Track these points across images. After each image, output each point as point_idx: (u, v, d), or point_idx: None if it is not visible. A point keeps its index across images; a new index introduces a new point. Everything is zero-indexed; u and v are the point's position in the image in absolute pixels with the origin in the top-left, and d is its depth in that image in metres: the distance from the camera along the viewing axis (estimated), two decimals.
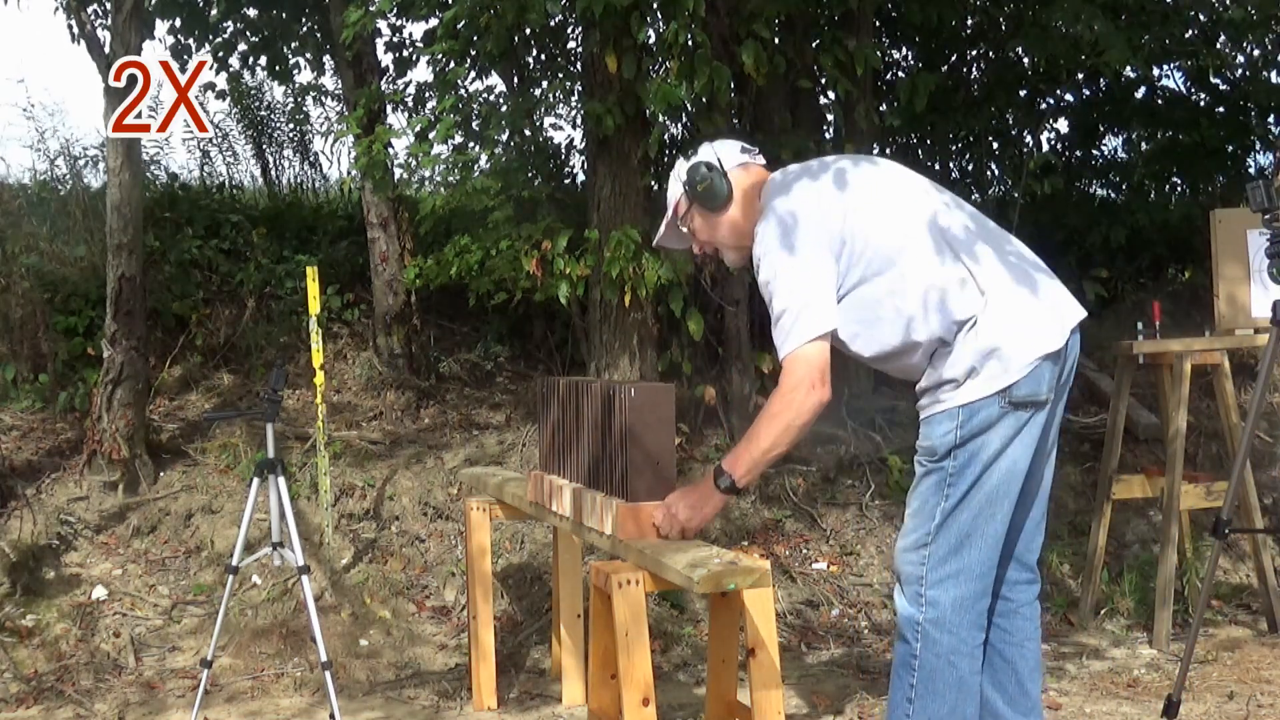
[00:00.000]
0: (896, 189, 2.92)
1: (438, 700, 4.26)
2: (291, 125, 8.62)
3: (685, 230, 3.08)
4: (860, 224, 2.80)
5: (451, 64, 5.63)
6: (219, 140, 8.38)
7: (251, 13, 7.15)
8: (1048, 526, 3.13)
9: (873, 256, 2.79)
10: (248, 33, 7.18)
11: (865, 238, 2.79)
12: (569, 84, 6.41)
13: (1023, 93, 7.81)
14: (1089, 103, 8.07)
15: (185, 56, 7.21)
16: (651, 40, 5.44)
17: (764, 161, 3.11)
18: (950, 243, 2.82)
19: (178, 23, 7.06)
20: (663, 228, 3.15)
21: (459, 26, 5.23)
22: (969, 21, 7.39)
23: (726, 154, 3.02)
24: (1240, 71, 7.94)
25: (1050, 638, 4.89)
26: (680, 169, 3.03)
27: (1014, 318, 2.78)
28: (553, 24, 6.03)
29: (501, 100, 6.24)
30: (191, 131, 8.25)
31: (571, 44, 6.43)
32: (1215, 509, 4.36)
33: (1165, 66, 7.86)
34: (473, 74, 6.21)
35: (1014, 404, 2.76)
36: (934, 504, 2.84)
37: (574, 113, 6.76)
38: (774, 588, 3.39)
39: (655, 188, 6.18)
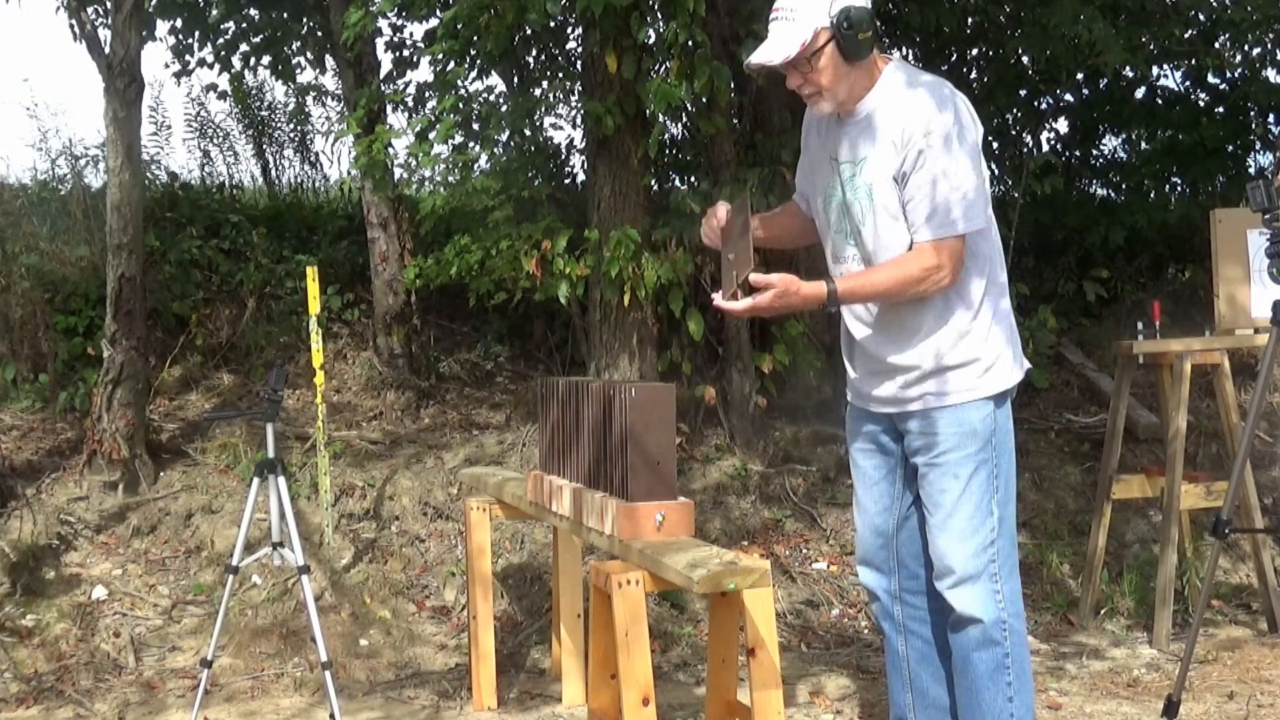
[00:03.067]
0: None
1: (438, 700, 4.26)
2: (292, 125, 8.62)
3: (800, 58, 2.83)
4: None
5: (451, 64, 5.63)
6: (220, 140, 8.39)
7: (252, 13, 7.15)
8: (1048, 527, 3.18)
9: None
10: (249, 33, 7.18)
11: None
12: (569, 84, 6.41)
13: (1022, 93, 7.80)
14: (1089, 103, 8.07)
15: (187, 57, 7.22)
16: (651, 40, 5.43)
17: None
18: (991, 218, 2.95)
19: (178, 23, 7.06)
20: (782, 45, 2.85)
21: (459, 26, 5.23)
22: (969, 21, 7.39)
23: (867, 19, 2.87)
24: (1240, 71, 7.93)
25: (1050, 638, 4.90)
26: (830, 3, 2.82)
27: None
28: (553, 24, 6.03)
29: (501, 100, 6.24)
30: (192, 131, 8.30)
31: (571, 44, 6.43)
32: (1215, 509, 4.36)
33: (1164, 66, 7.85)
34: (473, 74, 6.21)
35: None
36: (988, 498, 2.91)
37: (574, 113, 6.76)
38: (774, 588, 3.39)
39: (655, 187, 6.19)
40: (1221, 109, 7.89)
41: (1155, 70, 7.79)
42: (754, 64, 2.86)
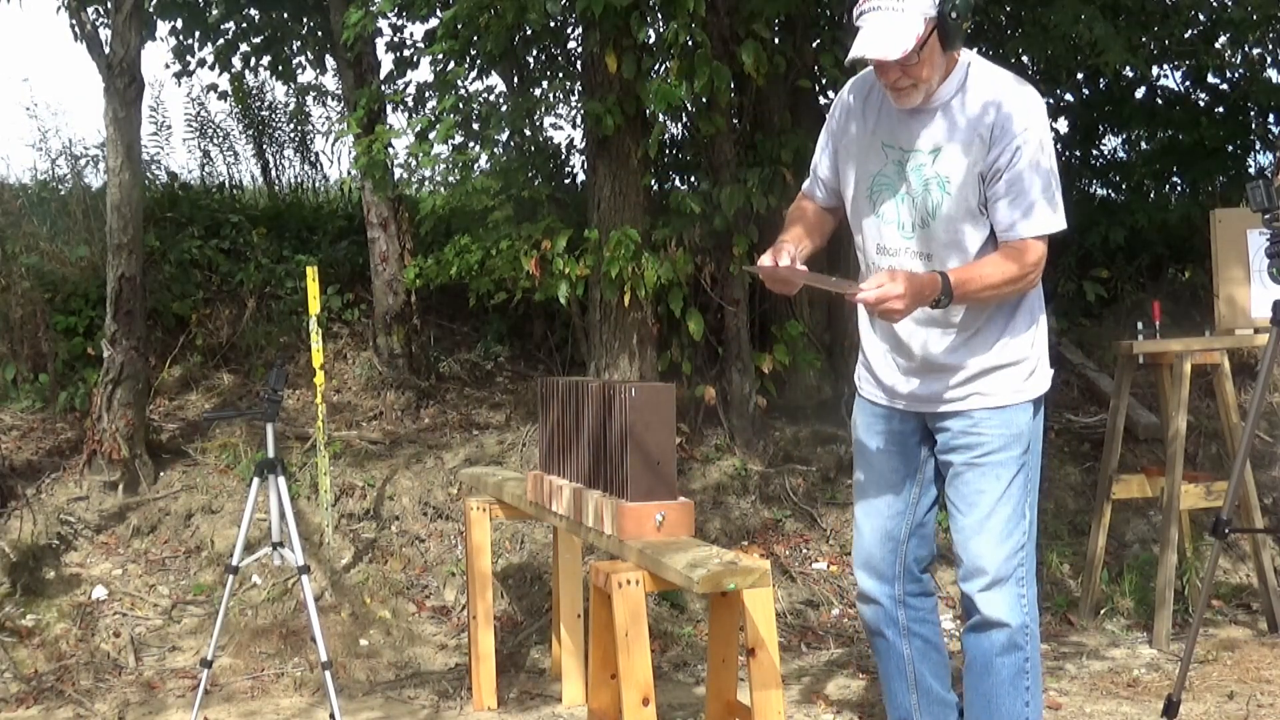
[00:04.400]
0: None
1: (438, 700, 4.26)
2: (292, 125, 8.62)
3: (907, 47, 2.64)
4: None
5: (451, 64, 5.63)
6: (220, 140, 8.39)
7: (252, 13, 7.15)
8: (1048, 527, 3.17)
9: None
10: (249, 33, 7.18)
11: None
12: (569, 84, 6.41)
13: None
14: (1089, 103, 8.07)
15: (187, 57, 7.22)
16: (651, 40, 5.43)
17: None
18: None
19: (178, 23, 7.06)
20: (898, 39, 2.64)
21: (459, 26, 5.23)
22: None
23: (970, 6, 2.78)
24: (1240, 71, 7.93)
25: (1050, 638, 4.90)
26: None
27: None
28: (553, 24, 6.02)
29: (501, 100, 6.24)
30: (192, 131, 8.30)
31: (571, 44, 6.43)
32: (1215, 509, 4.36)
33: (1164, 66, 7.85)
34: (473, 74, 6.21)
35: None
36: (1023, 502, 2.88)
37: (574, 113, 6.76)
38: (774, 588, 3.39)
39: (655, 187, 6.18)
40: (1221, 109, 7.88)
41: (1155, 70, 7.78)
42: (868, 58, 2.65)
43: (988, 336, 2.84)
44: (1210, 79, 7.93)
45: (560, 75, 6.52)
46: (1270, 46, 7.71)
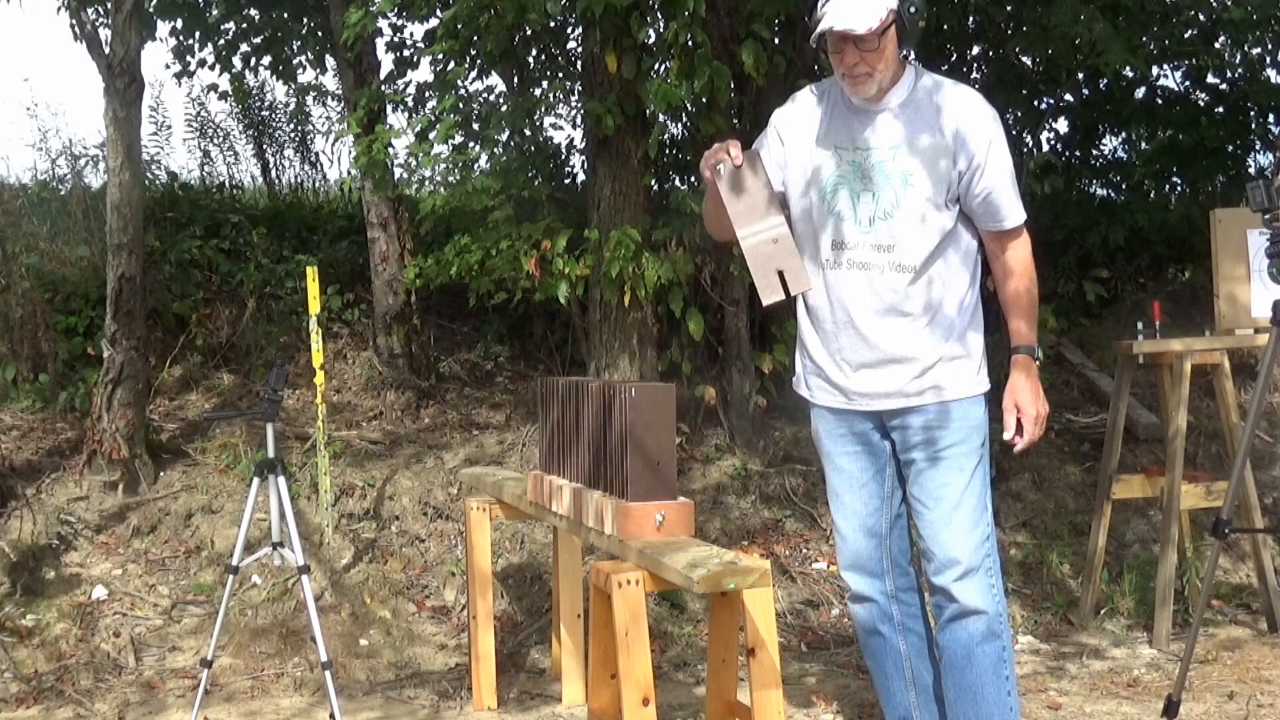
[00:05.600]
0: None
1: (438, 700, 4.26)
2: (292, 125, 8.63)
3: (874, 33, 2.79)
4: None
5: (451, 64, 5.63)
6: (220, 140, 8.40)
7: (252, 13, 7.15)
8: (1048, 527, 3.19)
9: None
10: (249, 33, 7.18)
11: None
12: (569, 84, 6.41)
13: (1023, 93, 7.80)
14: (1089, 103, 8.06)
15: (187, 57, 7.22)
16: (651, 40, 5.43)
17: None
18: None
19: (178, 24, 7.06)
20: (866, 14, 2.77)
21: (459, 26, 5.23)
22: (969, 21, 7.38)
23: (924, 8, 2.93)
24: (1240, 71, 7.93)
25: (1050, 638, 4.90)
26: None
27: None
28: (553, 24, 6.03)
29: (501, 100, 6.24)
30: (192, 131, 8.31)
31: (571, 44, 6.43)
32: (1215, 509, 4.36)
33: (1164, 66, 7.85)
34: (473, 74, 6.21)
35: None
36: (983, 492, 2.96)
37: (574, 113, 6.76)
38: (774, 588, 3.39)
39: (655, 187, 6.18)
40: (1221, 109, 7.89)
41: (1155, 70, 7.78)
42: (836, 29, 2.77)
43: (943, 323, 2.93)
44: (1210, 79, 7.94)
45: (560, 75, 6.53)
46: (1270, 46, 7.70)
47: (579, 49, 6.10)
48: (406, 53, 6.71)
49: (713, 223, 3.14)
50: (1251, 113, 7.78)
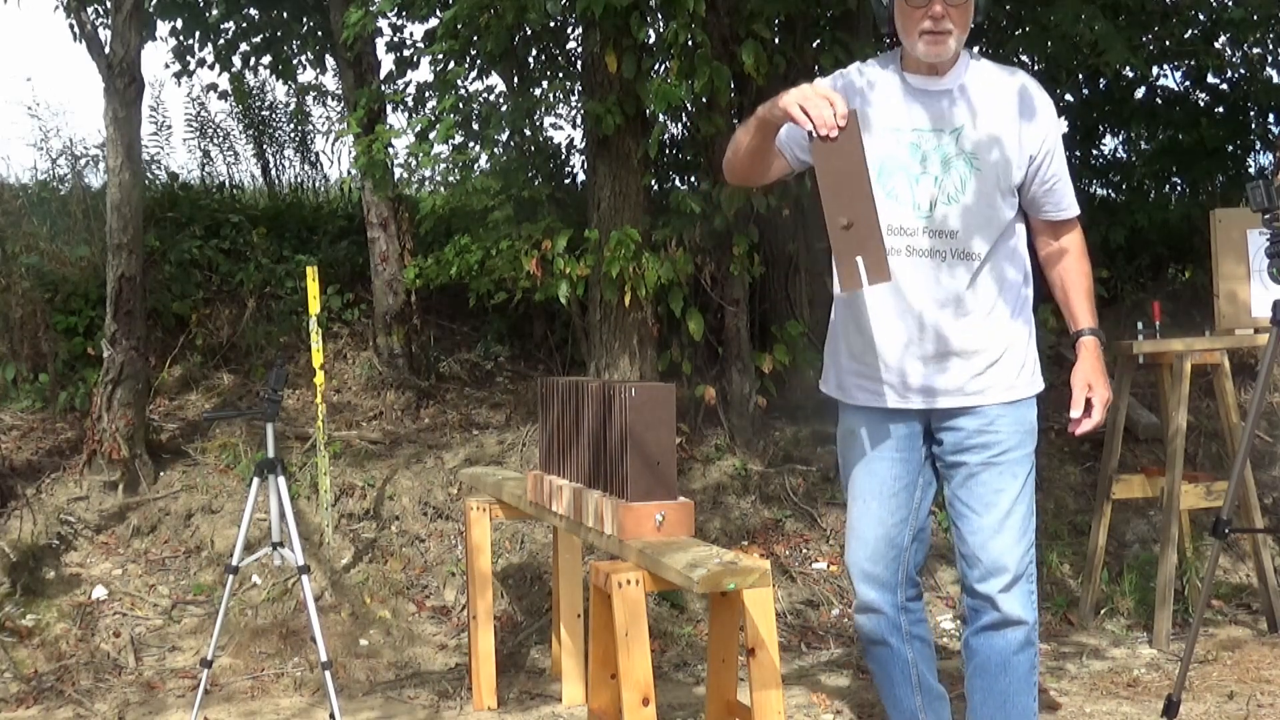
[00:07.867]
0: None
1: (437, 700, 4.26)
2: (292, 125, 8.63)
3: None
4: None
5: (451, 64, 5.63)
6: (220, 140, 8.39)
7: (252, 13, 7.15)
8: (1048, 527, 3.18)
9: None
10: (249, 33, 7.18)
11: None
12: (569, 84, 6.41)
13: None
14: (1089, 103, 8.06)
15: (187, 57, 7.22)
16: (651, 40, 5.43)
17: None
18: None
19: (178, 24, 7.06)
20: None
21: (459, 26, 5.23)
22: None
23: None
24: (1240, 71, 7.93)
25: (1050, 638, 4.90)
26: None
27: None
28: (553, 24, 6.02)
29: (501, 100, 6.24)
30: (192, 131, 8.31)
31: (571, 44, 6.42)
32: (1215, 509, 4.36)
33: (1164, 66, 7.85)
34: (473, 74, 6.21)
35: None
36: (1031, 497, 2.91)
37: (574, 113, 6.76)
38: (774, 588, 3.39)
39: (655, 187, 6.18)
40: (1221, 109, 7.88)
41: (1155, 70, 7.78)
42: None
43: (1003, 317, 2.86)
44: (1210, 79, 7.93)
45: (560, 75, 6.52)
46: (1270, 46, 7.71)
47: (579, 49, 6.10)
48: (406, 53, 6.70)
49: (743, 167, 2.90)
50: (1251, 113, 7.78)
